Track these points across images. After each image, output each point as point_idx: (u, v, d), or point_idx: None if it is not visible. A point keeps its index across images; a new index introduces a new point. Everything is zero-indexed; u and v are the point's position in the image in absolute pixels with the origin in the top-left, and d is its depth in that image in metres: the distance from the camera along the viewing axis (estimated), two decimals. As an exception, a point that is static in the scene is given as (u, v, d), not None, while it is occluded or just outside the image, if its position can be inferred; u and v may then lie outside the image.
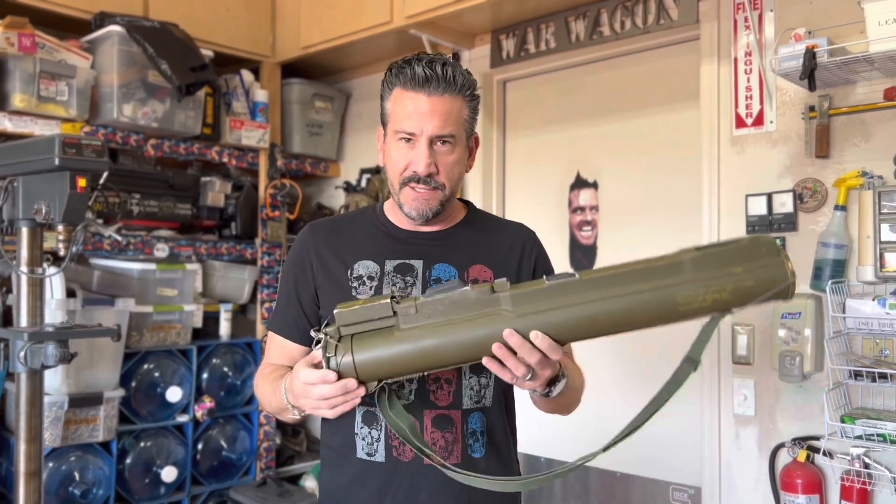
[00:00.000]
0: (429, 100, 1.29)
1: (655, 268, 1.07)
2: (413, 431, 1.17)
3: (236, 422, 3.16)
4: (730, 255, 1.05)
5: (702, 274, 1.05)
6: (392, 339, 1.11)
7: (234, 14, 3.20)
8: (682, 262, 1.06)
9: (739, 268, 1.04)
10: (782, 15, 2.24)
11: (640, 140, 2.72)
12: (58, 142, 1.76)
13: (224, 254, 3.18)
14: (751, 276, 1.04)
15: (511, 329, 1.07)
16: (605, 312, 1.07)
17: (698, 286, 1.04)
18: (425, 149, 1.30)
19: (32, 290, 1.96)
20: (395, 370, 1.12)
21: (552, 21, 2.83)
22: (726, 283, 1.04)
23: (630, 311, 1.06)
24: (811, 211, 2.18)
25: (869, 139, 2.09)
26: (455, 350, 1.10)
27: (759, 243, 1.06)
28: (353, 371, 1.11)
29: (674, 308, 1.06)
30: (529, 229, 1.53)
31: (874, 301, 1.95)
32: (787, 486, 2.13)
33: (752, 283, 1.04)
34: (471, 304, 1.10)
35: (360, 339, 1.12)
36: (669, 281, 1.05)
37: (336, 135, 3.63)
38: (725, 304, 1.05)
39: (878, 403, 2.02)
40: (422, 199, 1.33)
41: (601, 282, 1.07)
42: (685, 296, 1.05)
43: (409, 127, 1.30)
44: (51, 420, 2.50)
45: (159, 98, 2.85)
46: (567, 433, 2.81)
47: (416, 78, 1.29)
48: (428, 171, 1.31)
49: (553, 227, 2.94)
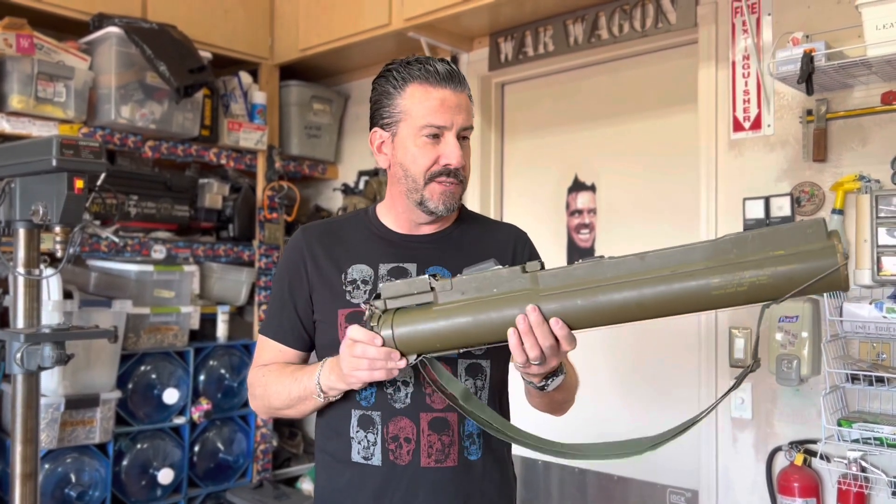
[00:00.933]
0: (454, 94, 1.32)
1: (689, 247, 1.00)
2: (466, 398, 1.20)
3: (233, 424, 3.15)
4: (771, 237, 0.96)
5: (739, 256, 0.97)
6: (429, 314, 1.15)
7: (232, 16, 3.20)
8: (717, 244, 0.98)
9: (781, 251, 0.95)
10: (780, 19, 2.25)
11: (638, 143, 2.72)
12: (55, 143, 1.76)
13: (221, 255, 3.18)
14: (794, 259, 0.94)
15: (534, 305, 1.08)
16: (635, 296, 1.02)
17: (734, 269, 0.96)
18: (456, 142, 1.32)
19: (29, 291, 1.96)
20: (431, 344, 1.16)
21: (550, 24, 2.84)
22: (765, 264, 0.95)
23: (660, 294, 1.01)
24: (808, 214, 2.19)
25: (866, 143, 2.10)
26: (486, 326, 1.12)
27: (805, 224, 0.95)
28: (392, 343, 1.16)
29: (707, 293, 0.98)
30: (520, 230, 1.53)
31: (871, 304, 1.96)
32: (784, 489, 2.13)
33: (795, 267, 0.94)
34: (503, 281, 1.12)
35: (400, 313, 1.17)
36: (702, 264, 0.98)
37: (334, 137, 3.63)
38: (766, 290, 0.96)
39: (875, 407, 2.03)
40: (449, 192, 1.34)
41: (631, 262, 1.04)
42: (719, 280, 0.97)
43: (441, 120, 1.30)
44: (47, 422, 2.49)
45: (157, 99, 2.85)
46: (564, 434, 2.81)
47: (440, 73, 1.31)
48: (460, 164, 1.32)
49: (551, 230, 2.94)
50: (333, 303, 1.36)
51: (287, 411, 1.37)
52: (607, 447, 1.20)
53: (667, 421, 2.54)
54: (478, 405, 1.21)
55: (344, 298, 1.36)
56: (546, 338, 1.09)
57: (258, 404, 1.43)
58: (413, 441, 1.31)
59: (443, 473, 1.28)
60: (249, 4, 3.27)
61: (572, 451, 1.18)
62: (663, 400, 2.57)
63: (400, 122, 1.34)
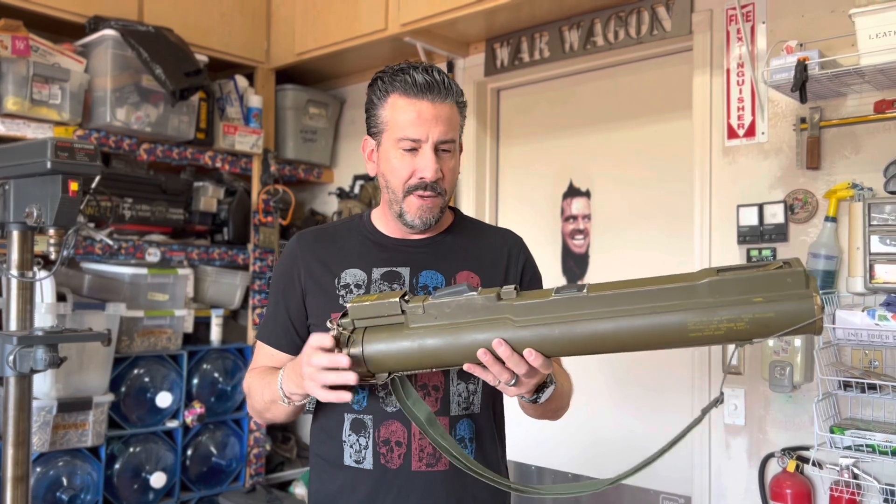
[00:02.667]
0: (432, 106, 1.30)
1: (668, 289, 0.99)
2: (430, 422, 1.18)
3: (226, 428, 3.14)
4: (751, 282, 0.96)
5: (717, 300, 0.97)
6: (400, 335, 1.13)
7: (228, 19, 3.21)
8: (698, 286, 0.98)
9: (760, 297, 0.95)
10: (774, 27, 2.26)
11: (632, 149, 2.73)
12: (50, 145, 1.76)
13: (216, 259, 3.18)
14: (772, 308, 0.94)
15: (501, 339, 1.07)
16: (610, 331, 1.02)
17: (712, 313, 0.97)
18: (432, 155, 1.31)
19: (22, 293, 1.95)
20: (401, 364, 1.15)
21: (546, 30, 2.85)
22: (743, 313, 0.95)
23: (636, 331, 1.01)
24: (802, 222, 2.20)
25: (859, 151, 2.11)
26: (457, 351, 1.11)
27: (785, 273, 0.95)
28: (361, 360, 1.15)
29: (683, 333, 0.99)
30: (516, 235, 1.53)
31: (864, 312, 1.96)
32: (776, 495, 2.14)
33: (773, 316, 0.95)
34: (476, 309, 1.10)
35: (371, 332, 1.16)
36: (681, 304, 0.98)
37: (330, 141, 3.63)
38: (742, 334, 0.97)
39: (868, 414, 2.03)
40: (426, 206, 1.34)
41: (609, 299, 1.02)
42: (696, 322, 0.98)
43: (415, 133, 1.30)
44: (39, 425, 2.48)
45: (153, 102, 2.85)
46: (557, 440, 2.81)
47: (418, 84, 1.30)
48: (436, 177, 1.31)
49: (546, 236, 2.95)
50: (327, 306, 1.36)
51: (268, 415, 1.37)
52: (567, 488, 1.21)
53: (660, 426, 2.55)
54: (440, 431, 1.19)
55: (337, 303, 1.37)
56: (519, 366, 1.08)
57: (251, 408, 1.45)
58: (404, 445, 1.31)
59: (434, 477, 1.28)
60: (246, 8, 3.27)
61: (531, 491, 1.18)
62: (657, 406, 2.58)
63: (383, 132, 1.35)
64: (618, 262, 2.76)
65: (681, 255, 2.54)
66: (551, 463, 2.86)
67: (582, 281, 1.10)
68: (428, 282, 1.38)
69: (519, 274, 1.46)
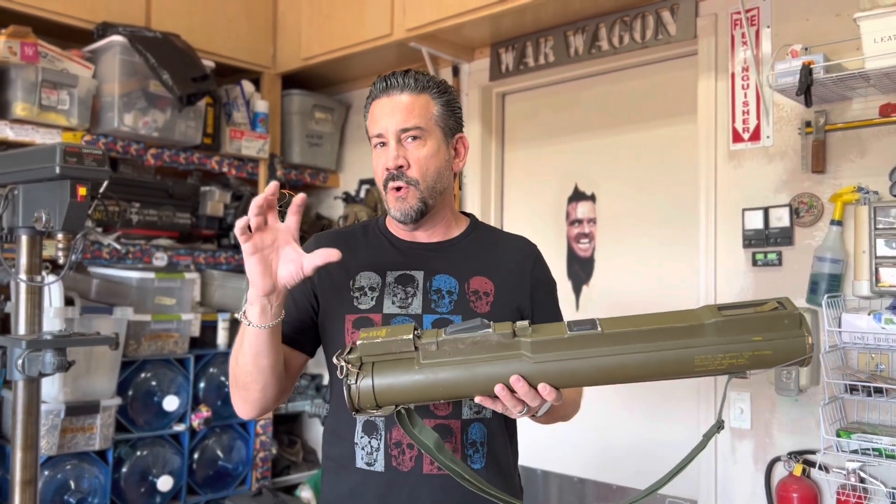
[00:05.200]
0: (389, 100, 1.37)
1: (677, 328, 1.08)
2: (439, 448, 1.20)
3: (233, 431, 3.15)
4: (752, 323, 1.07)
5: (721, 338, 1.07)
6: (411, 370, 1.14)
7: (235, 25, 3.22)
8: (704, 326, 1.07)
9: (759, 336, 1.06)
10: (779, 31, 2.27)
11: (637, 153, 2.73)
12: (59, 150, 1.77)
13: (223, 263, 3.19)
14: (769, 346, 1.06)
15: (518, 375, 1.10)
16: (622, 366, 1.10)
17: (716, 350, 1.07)
18: (393, 143, 1.35)
19: (31, 297, 1.96)
20: (412, 398, 1.16)
21: (551, 35, 2.85)
22: (744, 349, 1.06)
23: (646, 366, 1.09)
24: (807, 225, 2.20)
25: (865, 155, 2.11)
26: (471, 385, 1.14)
27: (782, 315, 1.06)
28: (371, 394, 1.14)
29: (689, 367, 1.09)
30: (531, 243, 1.53)
31: (870, 316, 1.96)
32: (782, 499, 2.13)
33: (770, 353, 1.07)
34: (492, 346, 1.13)
35: (381, 366, 1.15)
36: (689, 342, 1.08)
37: (335, 146, 3.64)
38: (741, 367, 1.08)
39: (874, 418, 2.03)
40: (400, 197, 1.36)
41: (622, 337, 1.09)
42: (702, 358, 1.08)
43: (377, 129, 1.37)
44: (47, 428, 2.49)
45: (160, 108, 2.86)
46: (564, 445, 2.81)
47: (378, 87, 1.38)
48: (396, 164, 1.34)
49: (551, 240, 2.95)
50: (341, 308, 1.37)
51: (239, 371, 1.29)
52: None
53: (666, 431, 2.55)
54: (449, 456, 1.21)
55: (352, 304, 1.37)
56: (533, 400, 1.12)
57: (232, 387, 1.35)
58: (416, 447, 1.32)
59: (445, 480, 1.28)
60: (252, 14, 3.29)
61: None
62: (663, 410, 2.57)
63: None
64: (623, 266, 2.76)
65: (686, 259, 2.54)
66: (559, 468, 2.86)
67: (594, 317, 1.12)
68: (441, 286, 1.38)
69: (531, 283, 1.46)
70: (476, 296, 1.39)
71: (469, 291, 1.39)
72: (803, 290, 2.16)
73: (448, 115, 1.40)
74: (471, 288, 1.39)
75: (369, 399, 1.15)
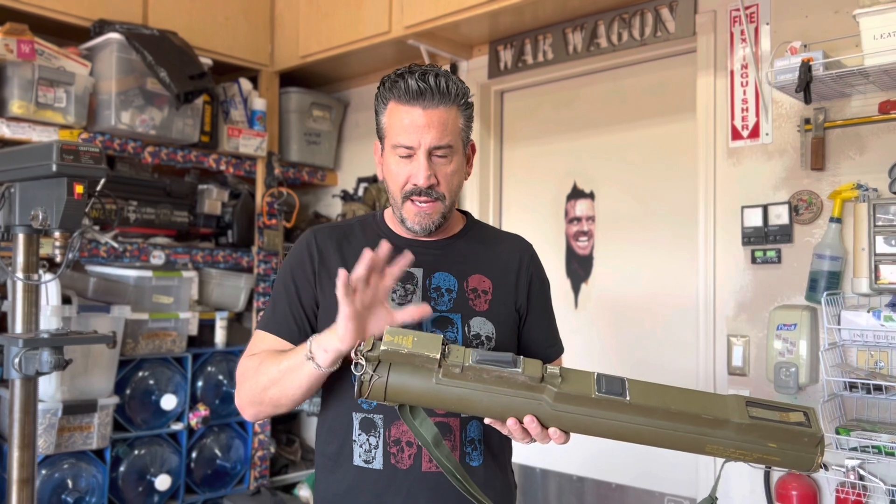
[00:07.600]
0: (424, 113, 1.30)
1: (703, 419, 1.11)
2: (437, 443, 1.20)
3: (231, 430, 3.15)
4: (774, 432, 1.10)
5: (740, 437, 1.10)
6: (429, 381, 1.14)
7: (233, 23, 3.22)
8: (729, 423, 1.10)
9: (775, 444, 1.10)
10: (778, 28, 2.26)
11: (636, 151, 2.73)
12: (55, 148, 1.76)
13: (220, 262, 3.18)
14: (780, 454, 1.11)
15: (532, 416, 1.14)
16: (637, 434, 1.14)
17: (730, 444, 1.11)
18: (424, 161, 1.31)
19: (28, 296, 1.96)
20: (421, 402, 1.17)
21: (550, 32, 2.85)
22: (756, 450, 1.11)
23: (660, 439, 1.13)
24: (807, 223, 2.19)
25: (864, 152, 2.10)
26: (482, 409, 1.16)
27: (804, 433, 1.09)
28: (382, 392, 1.15)
29: (699, 449, 1.13)
30: (527, 242, 1.53)
31: (869, 313, 1.96)
32: (781, 497, 2.13)
33: (778, 460, 1.11)
34: (516, 384, 1.14)
35: (398, 367, 1.15)
36: (709, 431, 1.11)
37: (333, 144, 3.64)
38: (745, 459, 1.13)
39: (873, 415, 2.03)
40: (423, 212, 1.34)
41: (648, 411, 1.12)
42: (714, 447, 1.12)
43: (407, 141, 1.31)
44: (45, 427, 2.48)
45: (157, 106, 2.86)
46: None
47: (410, 91, 1.30)
48: (428, 184, 1.31)
49: (550, 238, 2.95)
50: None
51: (272, 390, 1.30)
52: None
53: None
54: (445, 453, 1.22)
55: None
56: (542, 438, 1.16)
57: (244, 390, 1.37)
58: (415, 445, 1.31)
59: (443, 478, 1.28)
60: (250, 11, 3.28)
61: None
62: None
63: (384, 137, 1.37)
64: (622, 264, 2.76)
65: (685, 257, 2.54)
66: (556, 466, 2.86)
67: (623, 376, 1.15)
68: (441, 283, 1.38)
69: (528, 282, 1.46)
70: (475, 294, 1.39)
71: (468, 289, 1.38)
72: (802, 288, 2.15)
73: (468, 127, 1.39)
74: (469, 286, 1.39)
75: (379, 395, 1.15)
